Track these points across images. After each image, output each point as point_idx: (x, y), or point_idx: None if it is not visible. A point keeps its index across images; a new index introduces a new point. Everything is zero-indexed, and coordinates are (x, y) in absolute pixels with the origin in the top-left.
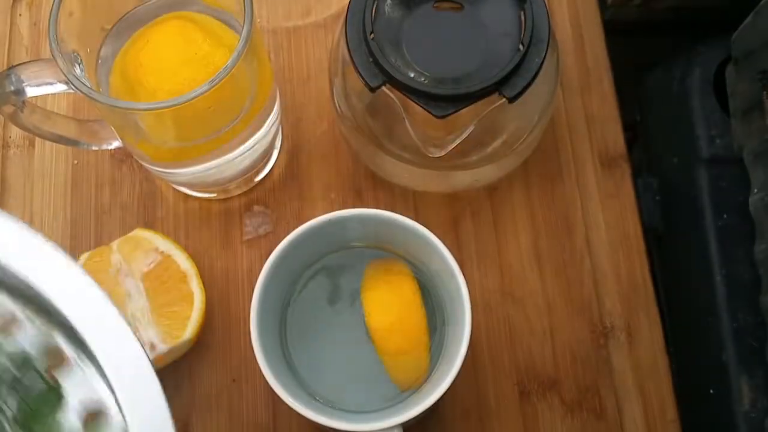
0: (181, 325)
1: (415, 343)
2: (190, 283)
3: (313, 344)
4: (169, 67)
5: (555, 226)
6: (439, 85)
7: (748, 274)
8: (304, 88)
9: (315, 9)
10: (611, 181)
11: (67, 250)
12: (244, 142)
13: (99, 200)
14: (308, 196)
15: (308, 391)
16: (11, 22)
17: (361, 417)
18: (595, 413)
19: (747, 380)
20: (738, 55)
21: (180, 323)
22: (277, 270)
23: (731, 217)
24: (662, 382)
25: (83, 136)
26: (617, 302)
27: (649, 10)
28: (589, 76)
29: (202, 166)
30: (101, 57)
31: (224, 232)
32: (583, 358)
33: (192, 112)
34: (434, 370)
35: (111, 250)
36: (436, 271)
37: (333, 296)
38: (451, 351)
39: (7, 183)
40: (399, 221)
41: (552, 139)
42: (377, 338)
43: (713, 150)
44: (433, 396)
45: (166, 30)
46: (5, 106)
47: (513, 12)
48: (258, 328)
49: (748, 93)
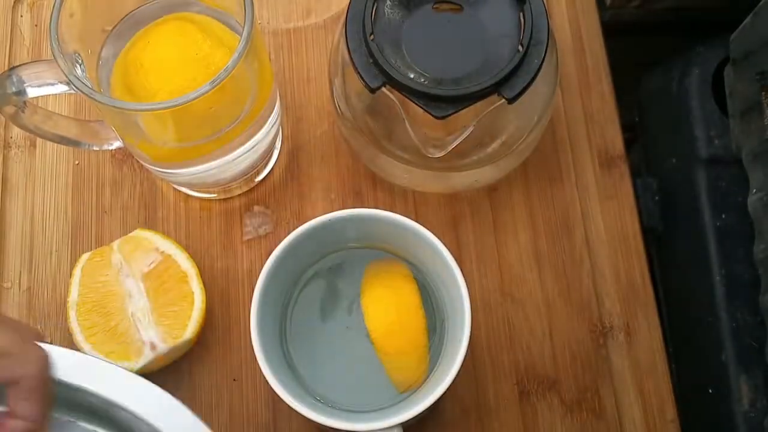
0: (182, 324)
1: (414, 344)
2: (191, 283)
3: (313, 344)
4: (170, 68)
5: (554, 226)
6: (439, 86)
7: (747, 274)
8: (304, 88)
9: (315, 10)
10: (610, 181)
11: (68, 250)
12: (245, 143)
13: (100, 200)
14: (308, 196)
15: (308, 391)
16: (12, 23)
17: (361, 417)
18: (594, 413)
19: (746, 380)
20: (736, 55)
21: (180, 323)
22: (277, 270)
23: (730, 217)
24: (661, 381)
25: (84, 137)
26: (616, 302)
27: (647, 11)
28: (589, 77)
29: (203, 167)
30: (102, 58)
31: (224, 233)
32: (583, 358)
33: (193, 112)
34: (434, 370)
35: (112, 250)
36: (435, 271)
37: (333, 296)
38: (451, 351)
39: (9, 183)
40: (399, 221)
41: (551, 139)
42: (376, 339)
43: (712, 150)
44: (433, 396)
45: (166, 31)
46: (7, 107)
47: (512, 13)
48: (258, 328)
49: (747, 93)
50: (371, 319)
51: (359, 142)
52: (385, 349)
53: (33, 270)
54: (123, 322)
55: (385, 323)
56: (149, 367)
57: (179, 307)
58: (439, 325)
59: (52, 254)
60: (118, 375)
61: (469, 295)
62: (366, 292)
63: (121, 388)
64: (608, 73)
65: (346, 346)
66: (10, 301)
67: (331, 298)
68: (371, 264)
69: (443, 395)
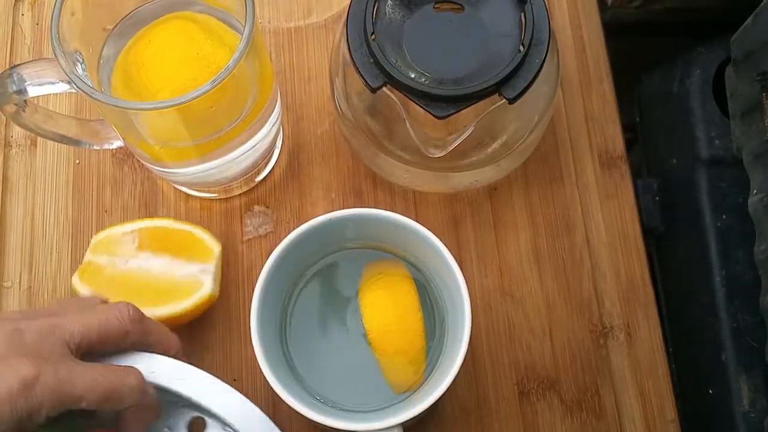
0: (206, 250)
1: (411, 346)
2: (197, 234)
3: (313, 344)
4: (171, 67)
5: (555, 226)
6: (440, 85)
7: (748, 275)
8: (305, 88)
9: (316, 9)
10: (611, 181)
11: (68, 250)
12: (245, 142)
13: (100, 200)
14: (309, 196)
15: (308, 391)
16: (13, 22)
17: (361, 417)
18: (594, 413)
19: (746, 380)
20: (737, 56)
21: (203, 250)
22: (277, 270)
23: (731, 217)
24: (661, 381)
25: (85, 136)
26: (617, 302)
27: (648, 12)
28: (589, 77)
29: (204, 166)
30: (103, 57)
31: (225, 232)
32: (583, 357)
33: (193, 112)
34: (434, 370)
35: (92, 260)
36: (436, 271)
37: (333, 296)
38: (451, 351)
39: (10, 182)
40: (399, 221)
41: (552, 139)
42: (373, 340)
43: (713, 151)
44: (433, 395)
45: (167, 30)
46: (7, 106)
47: (513, 13)
48: (258, 328)
49: (748, 94)
50: (369, 320)
51: (359, 142)
52: (382, 349)
53: (33, 269)
54: (161, 280)
55: (383, 324)
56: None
57: (193, 247)
58: (438, 325)
59: (52, 253)
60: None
61: (469, 294)
62: (364, 293)
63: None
64: (609, 73)
65: (346, 346)
66: (10, 301)
67: (331, 298)
68: (370, 265)
69: (443, 395)
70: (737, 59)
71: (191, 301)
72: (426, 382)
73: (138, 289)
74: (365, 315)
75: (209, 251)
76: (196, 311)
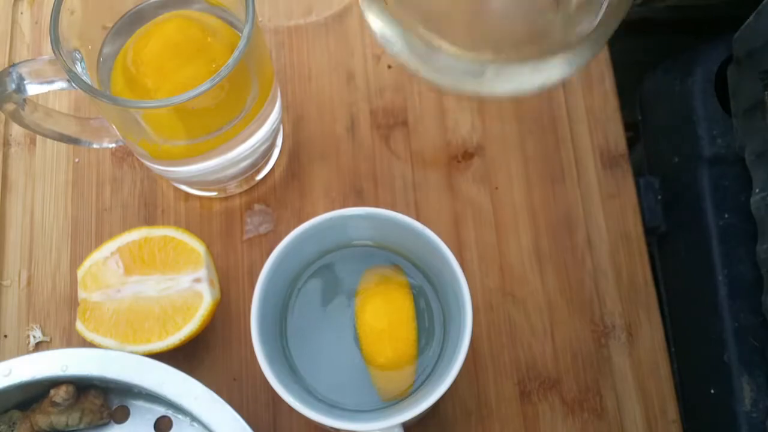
0: (195, 259)
1: (401, 355)
2: (177, 237)
3: (313, 344)
4: (171, 66)
5: (556, 225)
6: None
7: (750, 274)
8: (305, 86)
9: (316, 8)
10: (612, 180)
11: (67, 248)
12: (245, 141)
13: (100, 198)
14: (309, 194)
15: (308, 390)
16: (13, 20)
17: (361, 417)
18: (595, 413)
19: (748, 380)
20: (740, 54)
21: (193, 259)
22: (277, 269)
23: (733, 216)
24: (663, 381)
25: (84, 134)
26: (618, 302)
27: (650, 10)
28: (591, 76)
29: (203, 165)
30: (103, 55)
31: (225, 231)
32: (584, 357)
33: (193, 110)
34: (434, 370)
35: (87, 299)
36: (436, 270)
37: (333, 296)
38: (452, 350)
39: (9, 181)
40: (400, 220)
41: (553, 138)
42: (364, 347)
43: (715, 149)
44: (433, 395)
45: (167, 28)
46: (7, 104)
47: None
48: (258, 328)
49: (750, 92)
50: (361, 327)
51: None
52: (372, 357)
53: (32, 267)
54: (160, 304)
55: (375, 332)
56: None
57: (178, 254)
58: (438, 324)
59: (51, 252)
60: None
61: (470, 294)
62: (360, 298)
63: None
64: (611, 71)
65: (347, 346)
66: (9, 299)
67: (332, 298)
68: (369, 270)
69: (444, 395)
70: (739, 57)
71: (198, 318)
72: (426, 382)
73: (142, 322)
74: (359, 320)
75: (195, 254)
76: (205, 322)
